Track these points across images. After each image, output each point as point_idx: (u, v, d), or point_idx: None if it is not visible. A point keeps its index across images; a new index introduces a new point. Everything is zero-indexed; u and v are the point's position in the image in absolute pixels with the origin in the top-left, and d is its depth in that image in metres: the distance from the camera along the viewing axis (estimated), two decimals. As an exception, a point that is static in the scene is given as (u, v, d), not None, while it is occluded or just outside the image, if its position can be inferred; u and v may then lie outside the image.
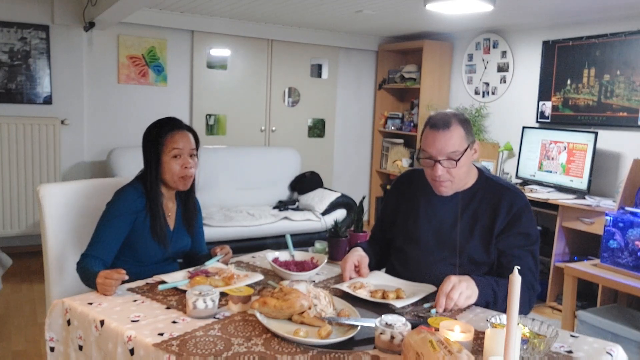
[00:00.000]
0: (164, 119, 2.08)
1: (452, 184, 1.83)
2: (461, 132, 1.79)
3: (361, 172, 6.32)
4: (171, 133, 2.01)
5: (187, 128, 2.06)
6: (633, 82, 4.03)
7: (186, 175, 2.03)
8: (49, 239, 2.10)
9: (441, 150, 1.77)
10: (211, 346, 1.33)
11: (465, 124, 1.83)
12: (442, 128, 1.78)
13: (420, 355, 1.18)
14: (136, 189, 2.00)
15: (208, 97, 5.27)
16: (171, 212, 2.10)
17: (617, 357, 1.43)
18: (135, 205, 1.97)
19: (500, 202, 1.85)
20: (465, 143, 1.80)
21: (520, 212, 1.84)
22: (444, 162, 1.78)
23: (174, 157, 1.99)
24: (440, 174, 1.79)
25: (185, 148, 2.01)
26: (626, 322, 2.95)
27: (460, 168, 1.80)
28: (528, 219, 1.85)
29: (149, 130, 2.06)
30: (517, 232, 1.83)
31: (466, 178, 1.87)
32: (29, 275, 4.11)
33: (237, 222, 4.39)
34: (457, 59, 5.55)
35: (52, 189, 2.14)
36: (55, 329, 1.63)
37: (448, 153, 1.77)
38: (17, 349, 2.99)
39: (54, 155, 4.50)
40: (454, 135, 1.78)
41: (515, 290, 1.11)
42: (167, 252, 2.05)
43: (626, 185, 3.50)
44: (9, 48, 4.36)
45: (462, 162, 1.79)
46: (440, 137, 1.77)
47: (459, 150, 1.78)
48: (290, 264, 1.94)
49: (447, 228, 1.88)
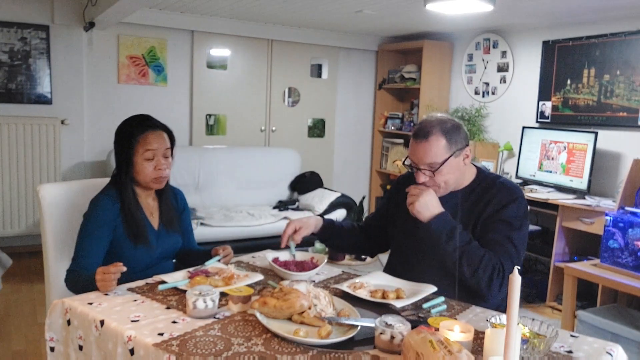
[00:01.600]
0: (136, 116, 1.99)
1: (440, 189, 1.88)
2: (441, 142, 1.82)
3: (361, 172, 6.32)
4: (144, 134, 1.92)
5: (161, 127, 1.98)
6: (633, 82, 4.03)
7: (160, 177, 1.96)
8: (48, 239, 2.10)
9: (421, 160, 1.85)
10: (211, 346, 1.33)
11: (450, 133, 1.83)
12: (421, 139, 1.84)
13: (420, 355, 1.18)
14: (110, 197, 1.94)
15: (208, 97, 5.27)
16: (153, 210, 2.04)
17: (617, 357, 1.43)
18: (112, 213, 1.91)
19: (495, 195, 1.88)
20: (447, 153, 1.82)
21: (508, 203, 1.86)
22: (425, 171, 1.84)
23: (146, 159, 1.92)
24: (423, 180, 1.86)
25: (159, 149, 1.93)
26: (626, 322, 2.95)
27: (443, 175, 1.84)
28: (513, 209, 1.85)
29: (120, 129, 1.97)
30: (499, 219, 1.85)
31: (458, 181, 1.91)
32: (29, 275, 4.11)
33: (237, 222, 4.39)
34: (457, 59, 5.55)
35: (52, 189, 2.13)
36: (56, 329, 1.63)
37: (427, 163, 1.83)
38: (17, 349, 2.99)
39: (54, 155, 4.50)
40: (432, 147, 1.82)
41: (516, 291, 1.11)
42: (155, 254, 1.99)
43: (626, 185, 3.50)
44: (9, 48, 4.36)
45: (445, 170, 1.84)
46: (420, 148, 1.84)
47: (437, 161, 1.82)
48: (290, 264, 1.94)
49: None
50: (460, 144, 1.85)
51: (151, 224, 2.01)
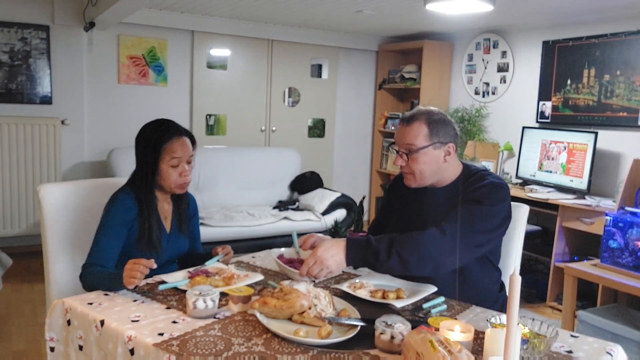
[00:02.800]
0: (160, 121, 2.01)
1: (415, 177, 1.89)
2: (423, 129, 1.85)
3: (361, 172, 6.32)
4: (170, 141, 1.94)
5: (185, 133, 2.00)
6: (633, 82, 4.03)
7: (184, 182, 1.99)
8: (48, 239, 2.10)
9: (400, 142, 1.90)
10: (211, 346, 1.33)
11: (435, 124, 1.86)
12: (405, 122, 1.90)
13: (420, 355, 1.18)
14: (129, 196, 1.94)
15: (208, 97, 5.27)
16: (167, 214, 2.06)
17: (617, 357, 1.43)
18: (131, 215, 1.93)
19: (477, 189, 1.84)
20: (426, 141, 1.85)
21: (482, 187, 1.82)
22: (403, 154, 1.88)
23: (172, 166, 1.94)
24: (399, 164, 1.90)
25: (184, 156, 1.97)
26: (626, 322, 2.95)
27: (418, 164, 1.86)
28: (486, 191, 1.81)
29: (145, 134, 1.98)
30: (468, 198, 1.81)
31: (436, 175, 1.90)
32: (29, 275, 4.11)
33: (237, 222, 4.39)
34: (457, 59, 5.55)
35: (51, 189, 2.13)
36: (56, 329, 1.63)
37: (405, 144, 1.87)
38: (17, 349, 2.99)
39: (54, 155, 4.50)
40: (414, 130, 1.86)
41: (516, 290, 1.11)
42: (163, 257, 2.00)
43: (626, 185, 3.50)
44: (9, 48, 4.36)
45: (420, 159, 1.85)
46: (401, 130, 1.90)
47: (415, 144, 1.85)
48: (295, 261, 1.91)
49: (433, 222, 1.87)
50: (443, 137, 1.86)
51: (164, 228, 2.03)
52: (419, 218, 1.92)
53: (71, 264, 2.10)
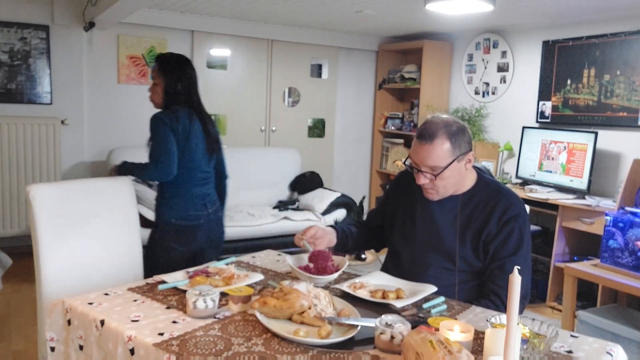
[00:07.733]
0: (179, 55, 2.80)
1: (438, 192, 1.84)
2: (446, 146, 1.76)
3: (361, 172, 6.32)
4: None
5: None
6: (633, 82, 4.03)
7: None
8: (39, 240, 2.06)
9: (423, 162, 1.79)
10: (211, 346, 1.33)
11: (455, 137, 1.78)
12: (426, 141, 1.77)
13: (420, 355, 1.18)
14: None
15: (208, 97, 5.23)
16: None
17: (617, 357, 1.43)
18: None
19: (495, 208, 1.83)
20: (450, 157, 1.77)
21: (512, 220, 1.82)
22: (426, 174, 1.80)
23: None
24: (423, 182, 1.82)
25: None
26: (626, 322, 2.95)
27: (444, 180, 1.80)
28: (519, 228, 1.82)
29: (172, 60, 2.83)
30: (504, 239, 1.81)
31: (457, 185, 1.87)
32: (29, 275, 4.07)
33: (237, 222, 4.39)
34: (457, 59, 5.55)
35: (42, 190, 2.10)
36: (56, 328, 1.63)
37: (429, 166, 1.79)
38: (17, 349, 2.99)
39: (54, 155, 4.50)
40: (437, 150, 1.76)
41: (515, 291, 1.11)
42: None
43: (626, 185, 3.50)
44: (9, 48, 4.36)
45: (446, 174, 1.79)
46: (423, 150, 1.78)
47: (440, 165, 1.77)
48: (309, 267, 1.84)
49: (441, 231, 1.88)
50: (464, 148, 1.80)
51: None
52: (432, 224, 1.90)
53: (63, 266, 2.08)
